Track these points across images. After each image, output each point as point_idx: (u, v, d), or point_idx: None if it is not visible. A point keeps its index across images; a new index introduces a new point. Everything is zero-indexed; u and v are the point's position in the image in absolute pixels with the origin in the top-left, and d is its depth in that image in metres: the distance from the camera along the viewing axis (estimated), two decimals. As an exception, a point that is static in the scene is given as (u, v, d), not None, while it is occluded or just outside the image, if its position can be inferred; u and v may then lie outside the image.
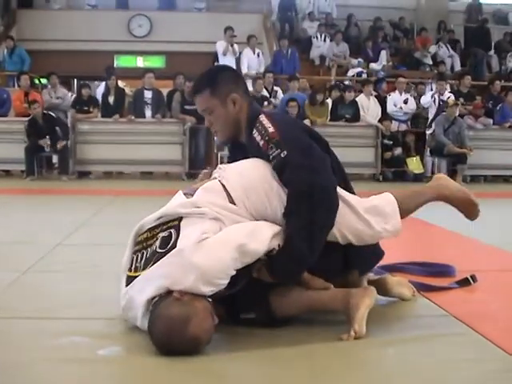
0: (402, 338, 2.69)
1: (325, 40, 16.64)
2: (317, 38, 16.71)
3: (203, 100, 2.92)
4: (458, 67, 16.72)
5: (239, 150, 2.96)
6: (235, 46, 14.03)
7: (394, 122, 12.82)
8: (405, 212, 2.95)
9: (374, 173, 12.48)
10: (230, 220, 2.60)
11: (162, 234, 2.56)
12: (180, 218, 2.57)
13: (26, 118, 11.66)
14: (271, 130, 2.72)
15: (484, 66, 16.65)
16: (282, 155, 2.65)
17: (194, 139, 12.20)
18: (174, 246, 2.48)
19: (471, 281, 3.51)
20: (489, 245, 4.97)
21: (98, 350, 2.48)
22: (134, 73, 14.33)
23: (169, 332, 2.36)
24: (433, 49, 17.07)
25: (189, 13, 17.77)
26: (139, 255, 2.60)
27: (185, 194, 2.73)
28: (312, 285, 2.73)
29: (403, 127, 13.09)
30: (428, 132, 12.59)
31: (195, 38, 16.40)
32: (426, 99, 13.06)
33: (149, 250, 2.57)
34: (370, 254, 2.93)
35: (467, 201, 3.11)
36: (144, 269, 2.53)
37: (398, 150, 12.45)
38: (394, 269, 3.74)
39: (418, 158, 12.53)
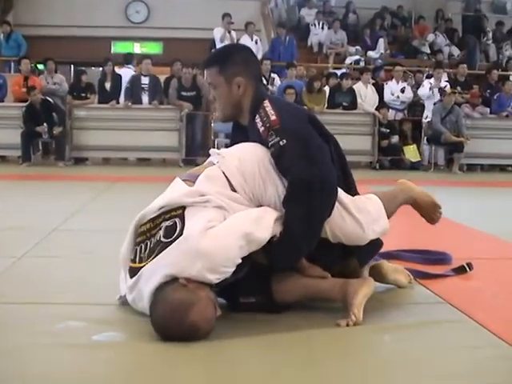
0: (398, 324, 2.69)
1: (323, 28, 16.60)
2: (315, 25, 16.67)
3: (210, 75, 2.94)
4: (455, 56, 16.70)
5: (240, 132, 2.98)
6: (233, 32, 13.98)
7: (390, 110, 12.80)
8: (388, 216, 3.00)
9: (371, 161, 12.48)
10: (233, 209, 2.61)
11: (165, 224, 2.56)
12: (183, 207, 2.57)
13: (23, 104, 11.62)
14: (273, 117, 2.73)
15: (477, 54, 16.61)
16: (281, 143, 2.66)
17: (191, 126, 12.19)
18: (180, 234, 2.47)
19: (467, 268, 3.52)
20: (485, 233, 4.98)
21: (94, 335, 2.48)
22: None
23: (169, 316, 2.36)
24: (430, 37, 17.05)
25: (186, -1, 17.70)
26: (143, 246, 2.60)
27: (184, 181, 2.72)
28: (310, 272, 2.74)
29: (400, 115, 13.09)
30: (424, 120, 12.58)
31: (193, 25, 16.33)
32: (424, 91, 12.96)
33: (152, 239, 2.57)
34: (369, 244, 2.93)
35: (431, 203, 3.26)
36: (148, 259, 2.53)
37: (395, 138, 12.45)
38: (390, 256, 3.74)
39: (414, 146, 12.53)
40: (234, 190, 2.67)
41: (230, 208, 2.60)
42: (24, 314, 2.76)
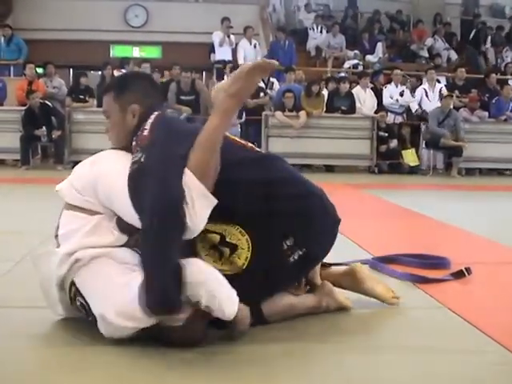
0: (396, 328, 2.70)
1: (321, 32, 16.63)
2: (313, 29, 16.69)
3: (106, 102, 2.76)
4: (452, 60, 16.74)
5: None
6: (232, 36, 14.02)
7: (389, 114, 12.81)
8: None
9: (370, 165, 12.47)
10: (102, 243, 2.50)
11: (77, 302, 2.52)
12: (72, 281, 2.52)
13: (22, 108, 11.63)
14: (145, 132, 2.51)
15: (477, 64, 16.66)
16: (142, 160, 2.42)
17: (190, 130, 12.20)
18: (92, 315, 2.45)
19: (466, 273, 3.52)
20: (484, 237, 4.98)
21: (91, 338, 2.48)
22: (130, 63, 14.28)
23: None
24: (429, 41, 17.08)
25: (185, 3, 17.73)
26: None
27: (56, 237, 2.64)
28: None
29: (399, 119, 13.09)
30: (422, 125, 12.61)
31: (192, 29, 16.37)
32: (414, 106, 13.06)
33: (76, 303, 2.54)
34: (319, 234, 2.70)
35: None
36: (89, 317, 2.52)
37: (394, 142, 12.44)
38: (389, 260, 3.75)
39: (413, 150, 12.53)
40: (83, 208, 2.56)
41: (99, 246, 2.48)
42: (22, 318, 2.77)
